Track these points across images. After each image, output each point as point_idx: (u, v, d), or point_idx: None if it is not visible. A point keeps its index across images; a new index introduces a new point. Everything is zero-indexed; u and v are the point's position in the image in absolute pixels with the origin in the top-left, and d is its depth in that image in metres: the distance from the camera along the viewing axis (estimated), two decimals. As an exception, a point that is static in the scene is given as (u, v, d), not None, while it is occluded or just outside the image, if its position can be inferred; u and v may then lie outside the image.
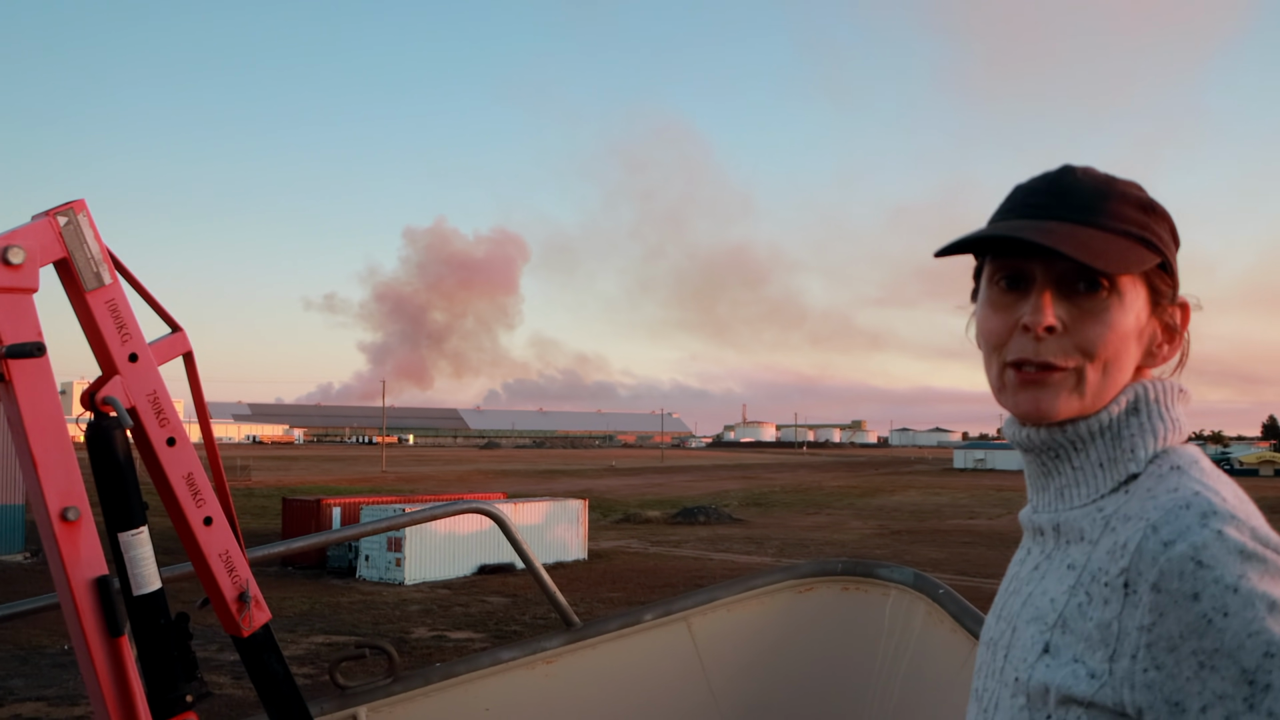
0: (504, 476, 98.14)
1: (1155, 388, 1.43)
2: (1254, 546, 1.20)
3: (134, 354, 2.71)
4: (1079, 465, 1.41)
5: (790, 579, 4.33)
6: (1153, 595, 1.20)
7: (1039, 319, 1.37)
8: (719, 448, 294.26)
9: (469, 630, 25.39)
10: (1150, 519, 1.26)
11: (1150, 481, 1.34)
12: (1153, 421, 1.40)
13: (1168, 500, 1.27)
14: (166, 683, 2.79)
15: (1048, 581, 1.39)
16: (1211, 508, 1.23)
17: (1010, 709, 1.37)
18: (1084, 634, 1.28)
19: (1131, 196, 1.42)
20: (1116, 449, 1.39)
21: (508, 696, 3.86)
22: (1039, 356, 1.38)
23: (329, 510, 37.92)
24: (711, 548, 43.27)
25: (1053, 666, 1.30)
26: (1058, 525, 1.42)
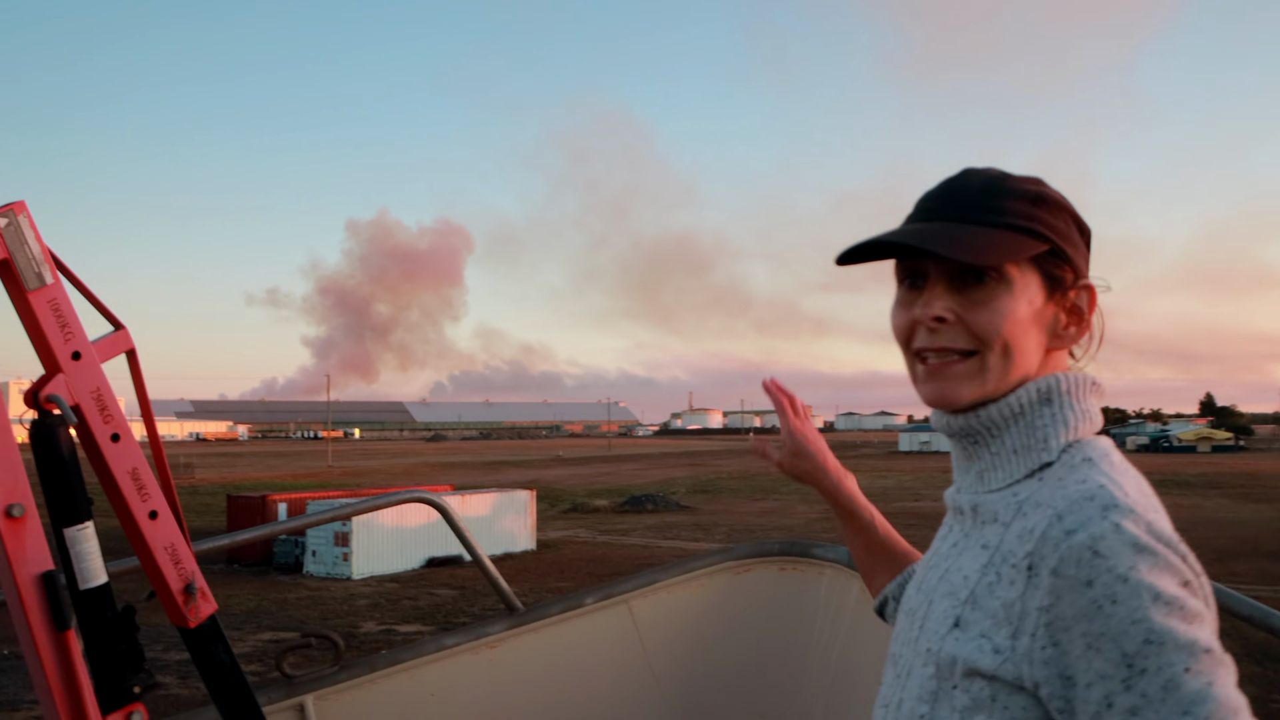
0: (451, 469, 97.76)
1: (1068, 380, 1.51)
2: (1147, 540, 1.28)
3: (77, 352, 2.74)
4: (996, 450, 1.51)
5: (729, 560, 4.41)
6: (1051, 579, 1.29)
7: (927, 311, 1.49)
8: (666, 435, 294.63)
9: (418, 623, 25.37)
10: (1056, 508, 1.34)
11: (1062, 471, 1.43)
12: (1064, 412, 1.49)
13: (1074, 491, 1.36)
14: (114, 675, 2.83)
15: (964, 559, 1.48)
16: (1113, 501, 1.32)
17: (921, 677, 1.46)
18: (991, 611, 1.37)
19: (1019, 190, 1.52)
20: (1030, 437, 1.48)
21: (452, 682, 3.92)
22: (935, 344, 1.50)
23: (275, 506, 37.67)
24: (659, 535, 43.38)
25: (961, 640, 1.39)
26: (976, 506, 1.52)
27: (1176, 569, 1.29)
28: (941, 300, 1.49)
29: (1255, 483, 73.88)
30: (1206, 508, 53.10)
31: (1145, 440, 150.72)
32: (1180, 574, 1.29)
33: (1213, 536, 40.28)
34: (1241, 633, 11.40)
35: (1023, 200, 1.52)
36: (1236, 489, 67.86)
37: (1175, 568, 1.29)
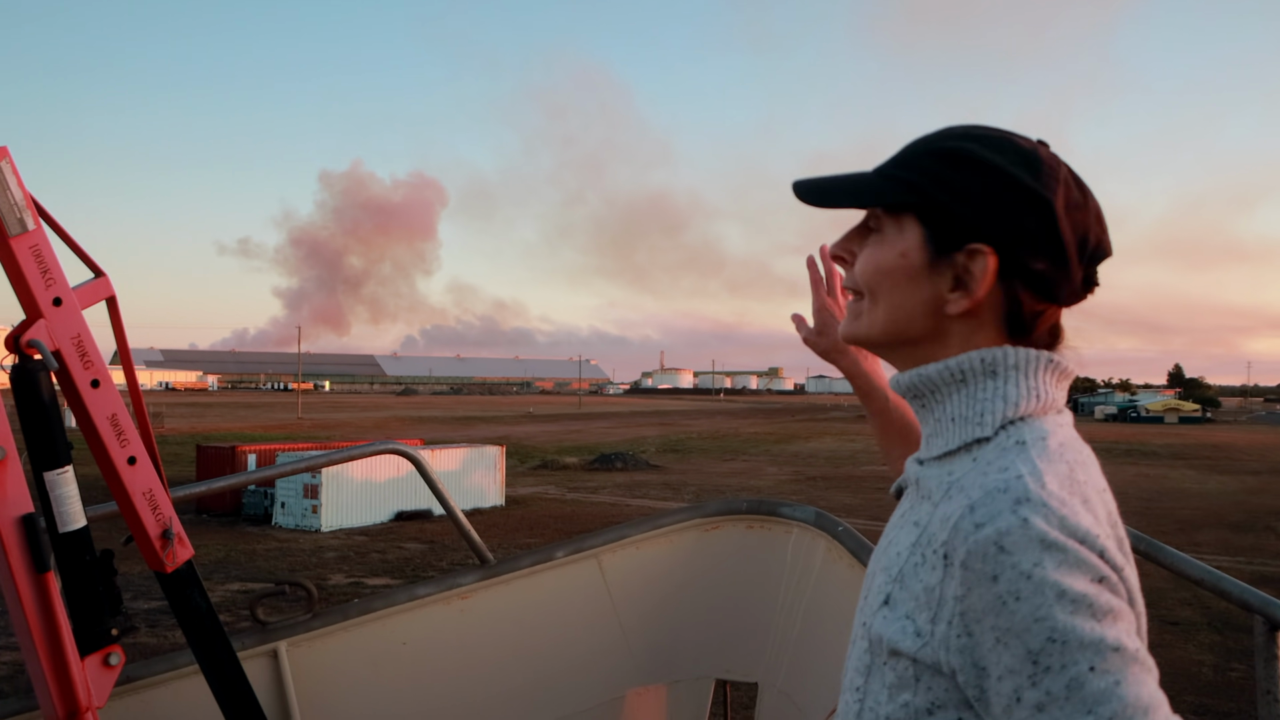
0: (421, 423, 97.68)
1: (1017, 354, 1.45)
2: (1055, 536, 1.25)
3: (58, 298, 2.77)
4: (939, 416, 1.48)
5: (697, 518, 4.47)
6: (962, 571, 1.28)
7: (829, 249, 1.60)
8: (637, 394, 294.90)
9: (386, 577, 25.43)
10: (971, 498, 1.31)
11: (993, 453, 1.39)
12: (1007, 386, 1.43)
13: (992, 480, 1.32)
14: (92, 617, 2.87)
15: (901, 533, 1.46)
16: (1026, 494, 1.28)
17: (859, 649, 1.47)
18: (915, 593, 1.35)
19: (936, 146, 1.49)
20: (970, 408, 1.44)
21: (424, 631, 3.97)
22: (846, 288, 1.58)
23: (244, 457, 37.58)
24: (628, 494, 43.52)
25: (889, 619, 1.38)
26: (919, 480, 1.49)
27: (1088, 565, 1.25)
28: (846, 241, 1.57)
29: (1220, 454, 74.53)
30: (1172, 478, 53.57)
31: (1113, 410, 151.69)
32: (1093, 570, 1.25)
33: (1177, 507, 40.68)
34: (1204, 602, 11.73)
35: (933, 155, 1.47)
36: (1202, 460, 68.44)
37: (1086, 564, 1.25)
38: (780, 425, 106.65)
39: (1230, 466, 63.61)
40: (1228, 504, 42.75)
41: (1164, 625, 20.18)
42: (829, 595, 4.12)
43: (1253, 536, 34.41)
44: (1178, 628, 20.21)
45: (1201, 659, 18.46)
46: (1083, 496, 1.32)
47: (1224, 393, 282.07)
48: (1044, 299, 1.46)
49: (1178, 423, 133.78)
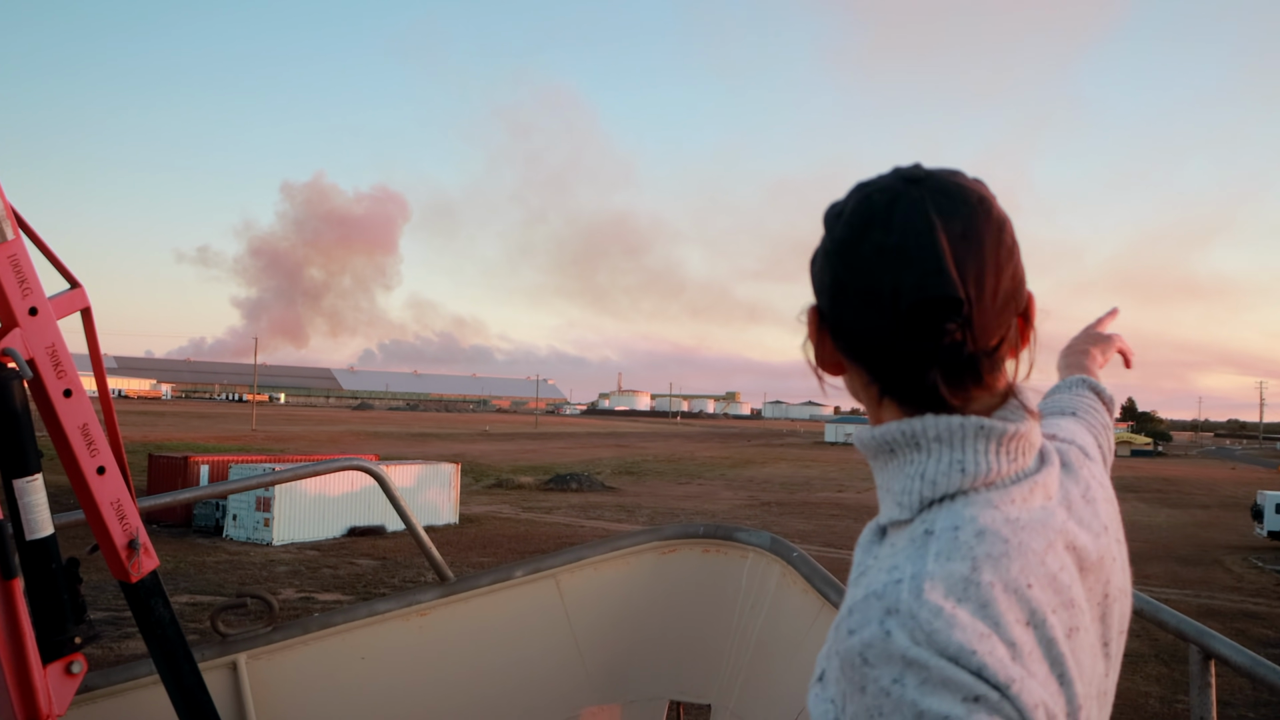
0: (376, 438, 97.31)
1: (939, 424, 1.32)
2: (916, 653, 1.16)
3: (34, 308, 2.80)
4: (880, 484, 1.37)
5: (655, 540, 4.52)
6: (838, 675, 1.22)
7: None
8: (594, 415, 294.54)
9: (337, 592, 25.32)
10: (853, 599, 1.24)
11: (902, 541, 1.29)
12: (928, 463, 1.32)
13: (874, 581, 1.24)
14: (56, 625, 2.89)
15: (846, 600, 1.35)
16: (896, 605, 1.20)
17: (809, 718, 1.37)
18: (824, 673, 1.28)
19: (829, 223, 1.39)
20: (897, 483, 1.35)
21: (383, 646, 4.00)
22: None
23: (196, 468, 37.32)
24: (583, 515, 43.51)
25: (819, 698, 1.29)
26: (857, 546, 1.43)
27: (956, 685, 1.15)
28: None
29: (1171, 488, 75.27)
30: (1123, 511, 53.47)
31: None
32: (963, 689, 1.15)
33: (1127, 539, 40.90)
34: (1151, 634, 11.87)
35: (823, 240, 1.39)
36: (1153, 493, 69.08)
37: (954, 683, 1.15)
38: (736, 450, 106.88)
39: (1180, 500, 64.26)
40: (1177, 537, 43.21)
41: (1111, 657, 20.30)
42: (783, 620, 4.18)
43: (1201, 570, 34.78)
44: (1125, 659, 20.36)
45: (1148, 690, 18.66)
46: (979, 601, 1.20)
47: (1175, 427, 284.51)
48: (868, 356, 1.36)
49: (1130, 455, 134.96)
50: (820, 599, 4.01)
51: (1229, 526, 49.17)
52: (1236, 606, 28.87)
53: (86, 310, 3.01)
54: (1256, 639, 24.21)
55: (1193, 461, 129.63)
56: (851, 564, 1.43)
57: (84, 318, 3.02)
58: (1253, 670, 2.66)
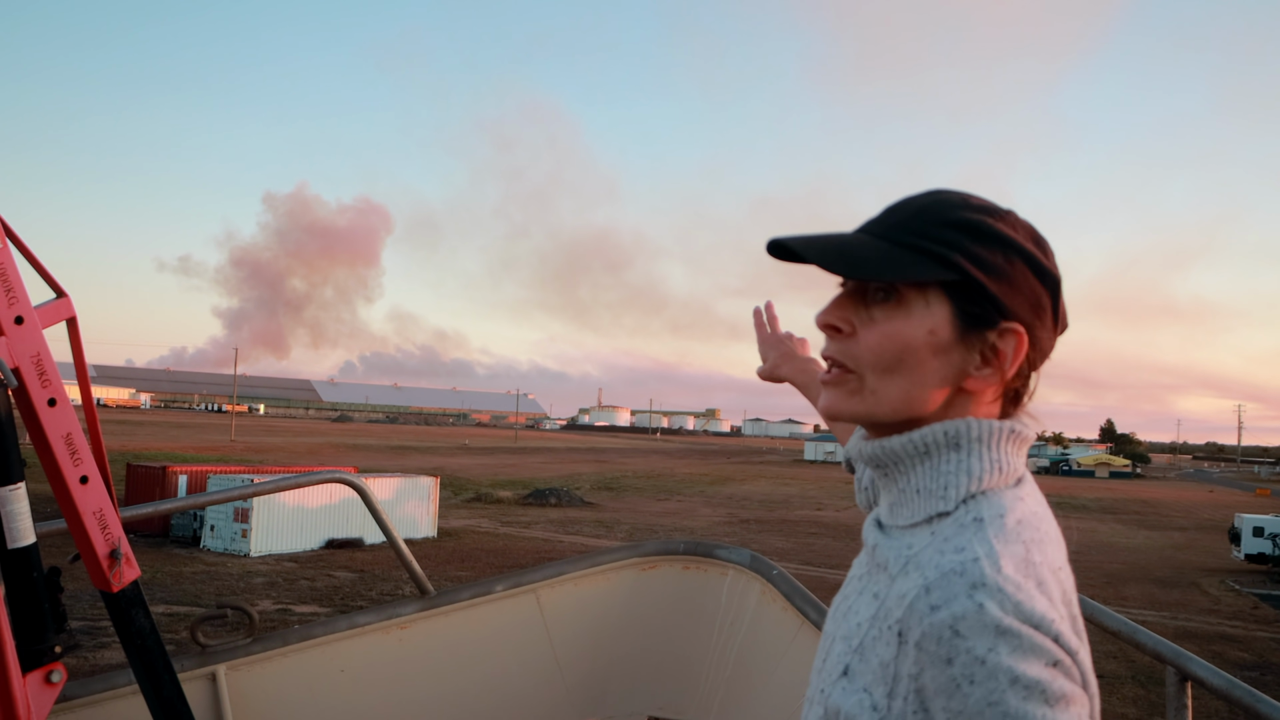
0: (355, 451, 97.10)
1: (980, 426, 1.41)
2: (1009, 622, 1.24)
3: (20, 316, 2.80)
4: (902, 487, 1.45)
5: (635, 557, 4.53)
6: (916, 651, 1.27)
7: (821, 318, 1.46)
8: (573, 430, 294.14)
9: (314, 604, 25.24)
10: (927, 578, 1.30)
11: (952, 529, 1.36)
12: (970, 461, 1.40)
13: (948, 562, 1.30)
14: (36, 634, 2.89)
15: (861, 601, 1.44)
16: (981, 579, 1.27)
17: (814, 714, 1.44)
18: (873, 667, 1.34)
19: (958, 218, 1.42)
20: (934, 481, 1.41)
21: (363, 659, 4.00)
22: (828, 353, 1.46)
23: (175, 478, 37.19)
24: (562, 530, 43.47)
25: (847, 691, 1.36)
26: (875, 546, 1.47)
27: (1042, 650, 1.25)
28: (840, 310, 1.45)
29: (1149, 510, 75.59)
30: (1101, 532, 54.21)
31: (1045, 463, 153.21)
32: (1046, 655, 1.25)
33: (1105, 560, 41.11)
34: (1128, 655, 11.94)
35: (954, 227, 1.41)
36: (1131, 515, 69.38)
37: (1040, 649, 1.24)
38: (716, 467, 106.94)
39: (1158, 522, 64.51)
40: (1155, 559, 43.34)
41: (1087, 678, 20.36)
42: (762, 637, 4.19)
43: (1179, 592, 34.91)
44: (1103, 680, 20.40)
45: (1125, 712, 18.69)
46: (1038, 579, 1.30)
47: (1154, 449, 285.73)
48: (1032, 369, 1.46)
49: (1108, 477, 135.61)
50: (799, 617, 4.02)
51: (1206, 549, 49.37)
52: (1213, 629, 28.98)
53: (72, 320, 3.02)
54: (1233, 661, 24.30)
55: (1171, 484, 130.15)
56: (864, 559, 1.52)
57: (69, 327, 3.02)
58: (1229, 692, 2.68)
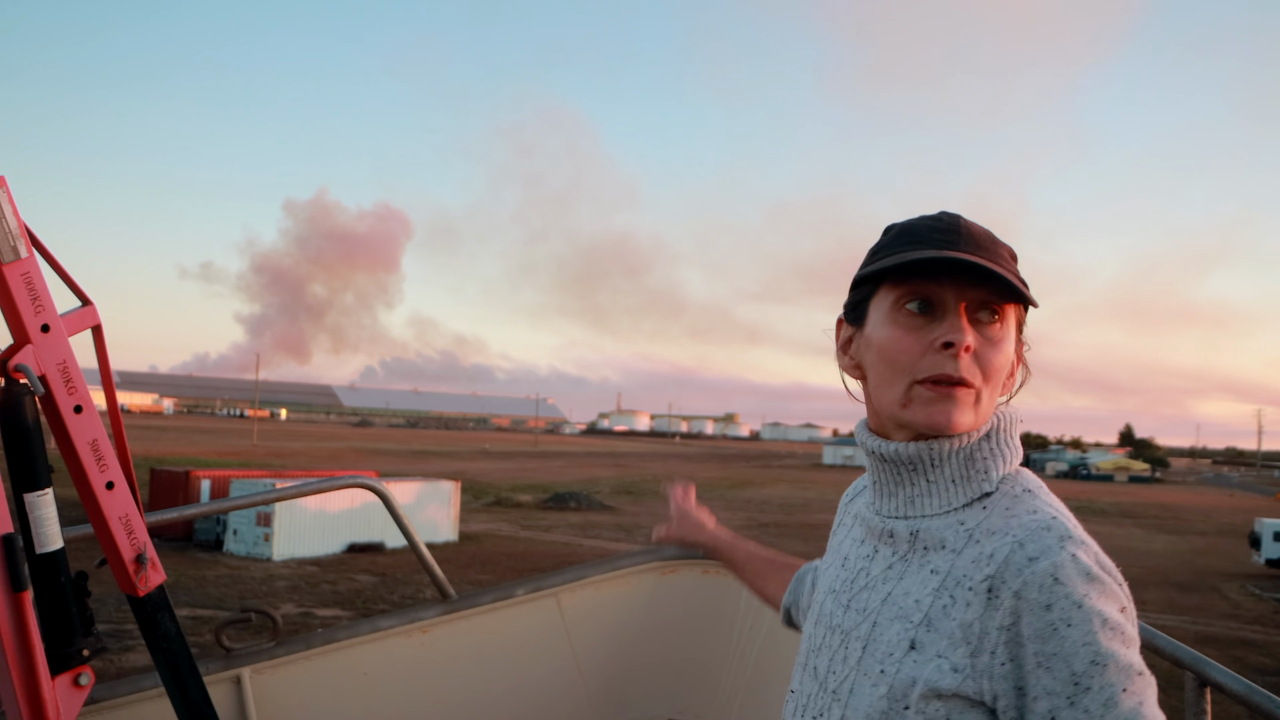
0: (376, 455, 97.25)
1: (1006, 416, 1.63)
2: (1097, 570, 1.42)
3: (46, 325, 2.83)
4: (933, 479, 1.59)
5: (655, 560, 4.54)
6: (1014, 601, 1.41)
7: (964, 339, 1.54)
8: (593, 435, 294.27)
9: (336, 608, 25.32)
10: (1017, 535, 1.46)
11: (1006, 501, 1.54)
12: (1002, 447, 1.60)
13: (1030, 521, 1.48)
14: (64, 637, 2.92)
15: (907, 583, 1.56)
16: (1067, 533, 1.45)
17: (870, 698, 1.53)
18: (947, 632, 1.47)
19: (1006, 245, 1.63)
20: (970, 469, 1.58)
21: (385, 662, 4.03)
22: (958, 373, 1.54)
23: (198, 482, 37.34)
24: (581, 534, 43.49)
25: (919, 662, 1.48)
26: (915, 532, 1.59)
27: (1118, 596, 1.44)
28: (970, 332, 1.55)
29: (1168, 514, 75.21)
30: (1120, 536, 53.94)
31: (1064, 467, 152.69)
32: (1120, 601, 1.44)
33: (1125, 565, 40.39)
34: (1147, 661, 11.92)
35: (1010, 254, 1.62)
36: (1150, 520, 69.05)
37: (1117, 595, 1.43)
38: (735, 471, 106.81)
39: (1177, 527, 64.21)
40: (1174, 564, 43.17)
41: (1109, 683, 20.27)
42: (782, 641, 4.20)
43: (1198, 597, 34.77)
44: (1122, 686, 20.34)
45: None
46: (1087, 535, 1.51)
47: (1173, 454, 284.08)
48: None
49: (1127, 482, 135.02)
50: None
51: (1226, 554, 49.13)
52: (1234, 634, 28.84)
53: (97, 327, 3.04)
54: (1254, 667, 24.18)
55: (1190, 488, 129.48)
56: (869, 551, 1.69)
57: (95, 335, 3.05)
58: (1248, 698, 2.68)
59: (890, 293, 1.60)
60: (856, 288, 1.69)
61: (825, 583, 1.77)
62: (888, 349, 1.59)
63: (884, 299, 1.61)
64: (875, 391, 1.65)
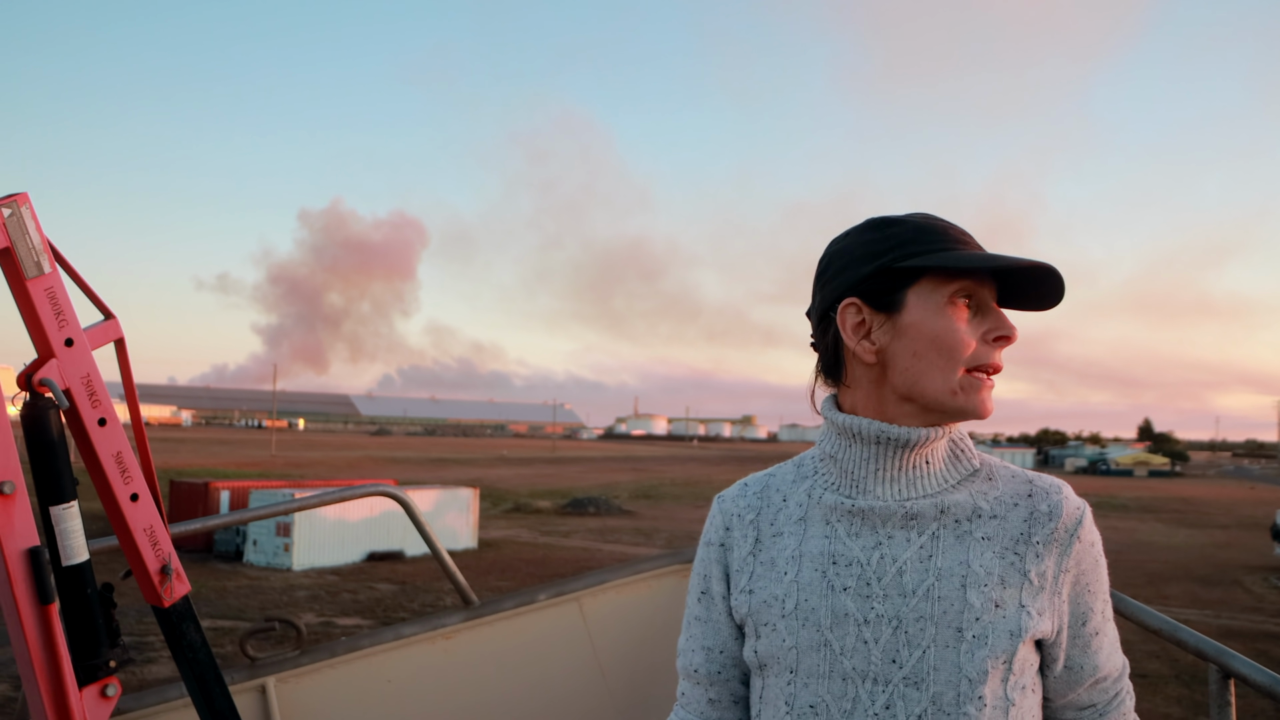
0: (394, 464, 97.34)
1: None
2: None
3: (70, 339, 2.86)
4: (931, 460, 1.74)
5: (676, 564, 4.56)
6: (1078, 544, 1.70)
7: (1014, 332, 1.72)
8: (610, 440, 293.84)
9: (357, 617, 25.32)
10: (1060, 493, 1.72)
11: (1002, 471, 1.77)
12: (962, 431, 1.79)
13: (1049, 482, 1.73)
14: (91, 649, 2.95)
15: (957, 554, 1.68)
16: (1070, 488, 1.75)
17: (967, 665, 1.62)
18: (1022, 585, 1.66)
19: None
20: (956, 449, 1.77)
21: (408, 670, 4.05)
22: (1001, 364, 1.73)
23: (217, 494, 37.37)
24: (601, 539, 43.43)
25: (1009, 616, 1.65)
26: (944, 508, 1.70)
27: None
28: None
29: (1189, 508, 74.86)
30: (1141, 531, 53.76)
31: (1083, 463, 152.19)
32: None
33: (1146, 560, 40.79)
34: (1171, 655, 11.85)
35: None
36: (1171, 514, 68.75)
37: None
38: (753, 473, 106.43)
39: (1198, 520, 63.89)
40: (1196, 558, 42.93)
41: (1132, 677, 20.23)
42: None
43: (1220, 590, 34.57)
44: (1146, 680, 20.28)
45: (1169, 712, 18.54)
46: None
47: (1193, 447, 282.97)
48: None
49: (1147, 476, 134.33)
50: None
51: (1248, 547, 48.88)
52: (1258, 627, 28.71)
53: (120, 341, 3.07)
54: (1278, 660, 24.10)
55: (1211, 482, 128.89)
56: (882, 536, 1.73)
57: (117, 348, 3.07)
58: (1273, 689, 2.68)
59: (943, 286, 1.69)
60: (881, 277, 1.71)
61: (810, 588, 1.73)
62: (945, 338, 1.68)
63: (933, 290, 1.69)
64: (911, 378, 1.70)
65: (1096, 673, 1.76)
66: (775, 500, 1.86)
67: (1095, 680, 1.77)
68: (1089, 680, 1.76)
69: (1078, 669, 1.74)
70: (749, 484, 1.94)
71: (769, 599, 1.76)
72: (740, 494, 1.93)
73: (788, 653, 1.72)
